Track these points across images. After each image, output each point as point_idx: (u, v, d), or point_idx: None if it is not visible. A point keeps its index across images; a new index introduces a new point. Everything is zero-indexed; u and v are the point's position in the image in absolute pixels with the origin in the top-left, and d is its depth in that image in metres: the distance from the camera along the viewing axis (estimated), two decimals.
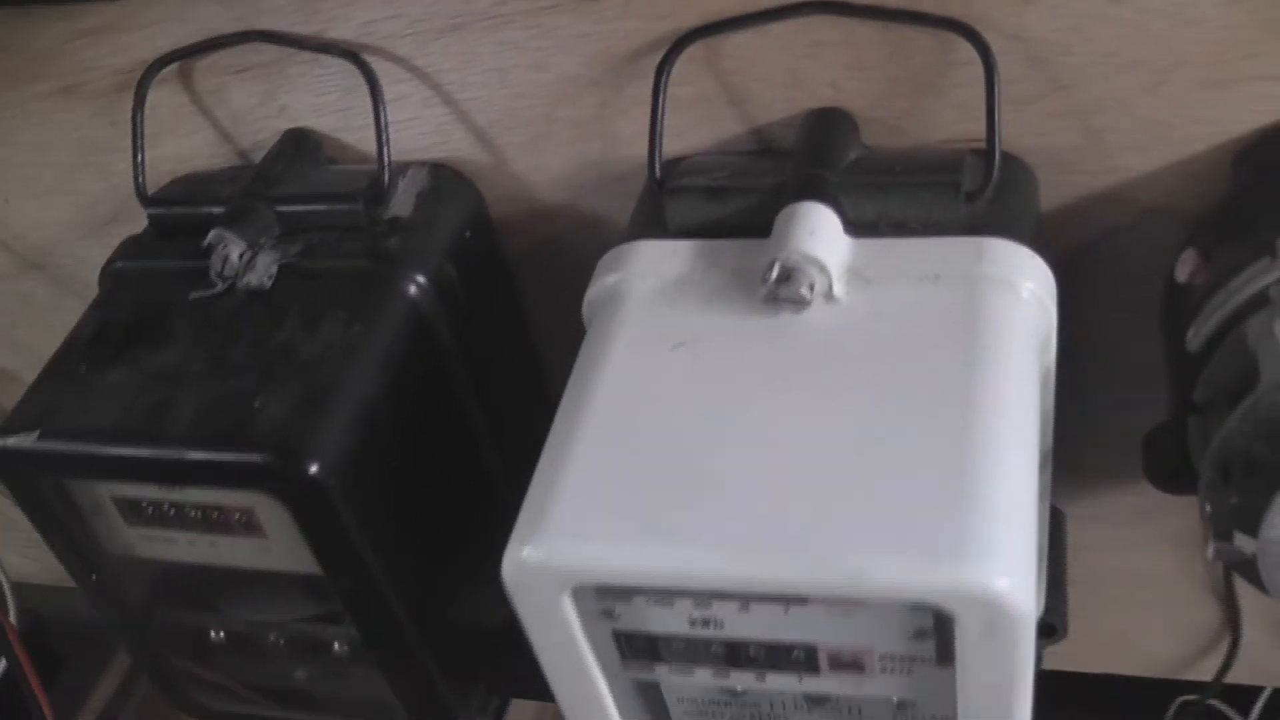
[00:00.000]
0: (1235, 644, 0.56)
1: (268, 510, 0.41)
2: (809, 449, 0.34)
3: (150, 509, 0.43)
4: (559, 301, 0.49)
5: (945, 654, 0.35)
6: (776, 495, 0.33)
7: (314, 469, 0.38)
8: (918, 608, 0.33)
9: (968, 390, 0.34)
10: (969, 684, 0.33)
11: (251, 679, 0.50)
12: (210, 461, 0.39)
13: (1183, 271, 0.40)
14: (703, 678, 0.38)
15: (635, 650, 0.38)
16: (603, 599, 0.36)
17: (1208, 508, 0.36)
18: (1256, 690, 0.75)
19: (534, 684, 0.63)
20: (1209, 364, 0.38)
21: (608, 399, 0.36)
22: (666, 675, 0.38)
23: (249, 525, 0.42)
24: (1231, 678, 0.58)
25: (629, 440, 0.35)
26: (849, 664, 0.36)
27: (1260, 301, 0.37)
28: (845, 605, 0.34)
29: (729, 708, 0.43)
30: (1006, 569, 0.30)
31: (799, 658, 0.36)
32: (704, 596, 0.35)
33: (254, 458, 0.38)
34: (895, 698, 0.40)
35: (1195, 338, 0.38)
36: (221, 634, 0.49)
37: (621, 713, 0.40)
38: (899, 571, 0.31)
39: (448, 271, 0.45)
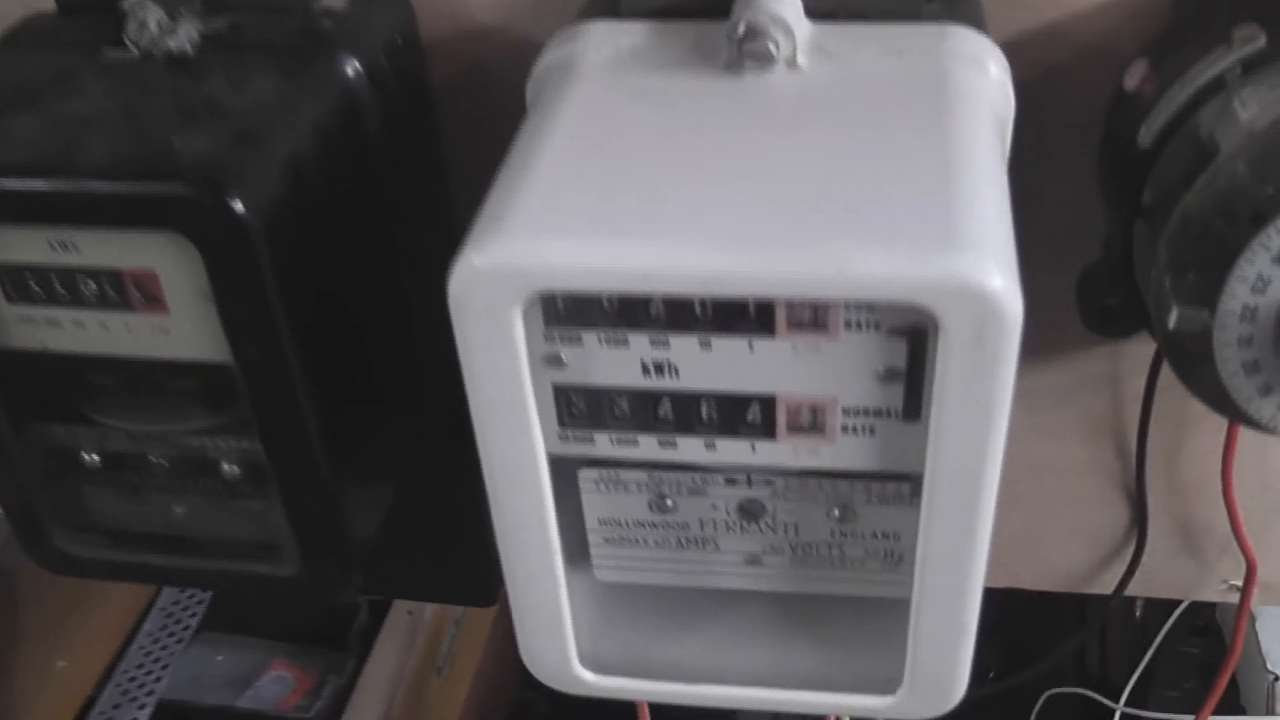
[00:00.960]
0: (1140, 548, 0.56)
1: (173, 274, 0.38)
2: (785, 165, 0.32)
3: (36, 280, 0.39)
4: (478, 138, 0.46)
5: (913, 404, 0.33)
6: (755, 197, 0.31)
7: (238, 205, 0.35)
8: (893, 334, 0.32)
9: (943, 128, 0.34)
10: (944, 418, 0.31)
11: (126, 521, 0.46)
12: (122, 194, 0.35)
13: (1132, 79, 0.40)
14: (647, 448, 0.36)
15: (576, 416, 0.35)
16: (550, 340, 0.34)
17: (1167, 283, 0.36)
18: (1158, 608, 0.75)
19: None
20: (1160, 159, 0.38)
21: (566, 131, 0.34)
22: (608, 447, 0.36)
23: (149, 297, 0.38)
24: (1135, 589, 0.57)
25: (592, 158, 0.33)
26: (809, 426, 0.34)
27: (1216, 87, 0.37)
28: (814, 337, 0.32)
29: (654, 530, 0.41)
30: (999, 268, 0.29)
31: (755, 419, 0.34)
32: (662, 330, 0.33)
33: (172, 188, 0.35)
34: (837, 511, 0.39)
35: (1147, 134, 0.38)
36: (97, 457, 0.44)
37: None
38: (886, 263, 0.29)
39: (382, 63, 0.42)
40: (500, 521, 0.37)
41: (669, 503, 0.40)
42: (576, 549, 0.41)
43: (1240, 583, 0.56)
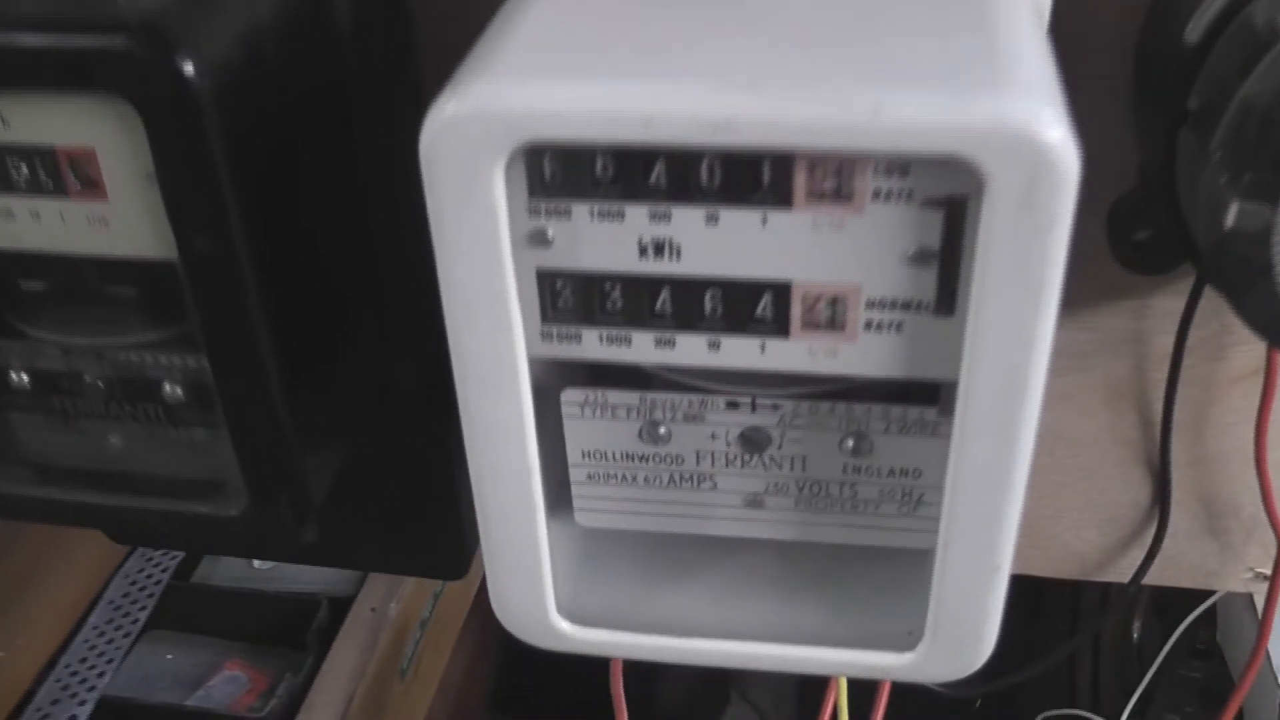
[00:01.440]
0: (1162, 529, 0.52)
1: (113, 153, 0.34)
2: (808, 14, 0.29)
3: None
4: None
5: (947, 293, 0.29)
6: (775, 41, 0.27)
7: (186, 65, 0.31)
8: (927, 206, 0.28)
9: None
10: (985, 305, 0.28)
11: (56, 454, 0.41)
12: (56, 50, 0.31)
13: None
14: (642, 349, 0.32)
15: (562, 310, 0.31)
16: (535, 213, 0.29)
17: (1222, 182, 0.32)
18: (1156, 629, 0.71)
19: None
20: (1211, 55, 0.35)
21: None
22: (596, 347, 0.32)
23: (87, 181, 0.34)
24: (1154, 577, 0.53)
25: (586, 9, 0.29)
26: (827, 321, 0.30)
27: None
28: (836, 210, 0.28)
29: (645, 465, 0.37)
30: (1055, 117, 0.25)
31: (766, 312, 0.30)
32: (663, 201, 0.29)
33: (112, 42, 0.31)
34: (851, 442, 0.35)
35: (1195, 29, 0.35)
36: (25, 376, 0.40)
37: None
38: (926, 106, 0.25)
39: None
40: (472, 439, 0.33)
41: (662, 431, 0.36)
42: (556, 494, 0.37)
43: (1269, 570, 0.52)
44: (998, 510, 0.31)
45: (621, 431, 0.36)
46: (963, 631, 0.34)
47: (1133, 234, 0.40)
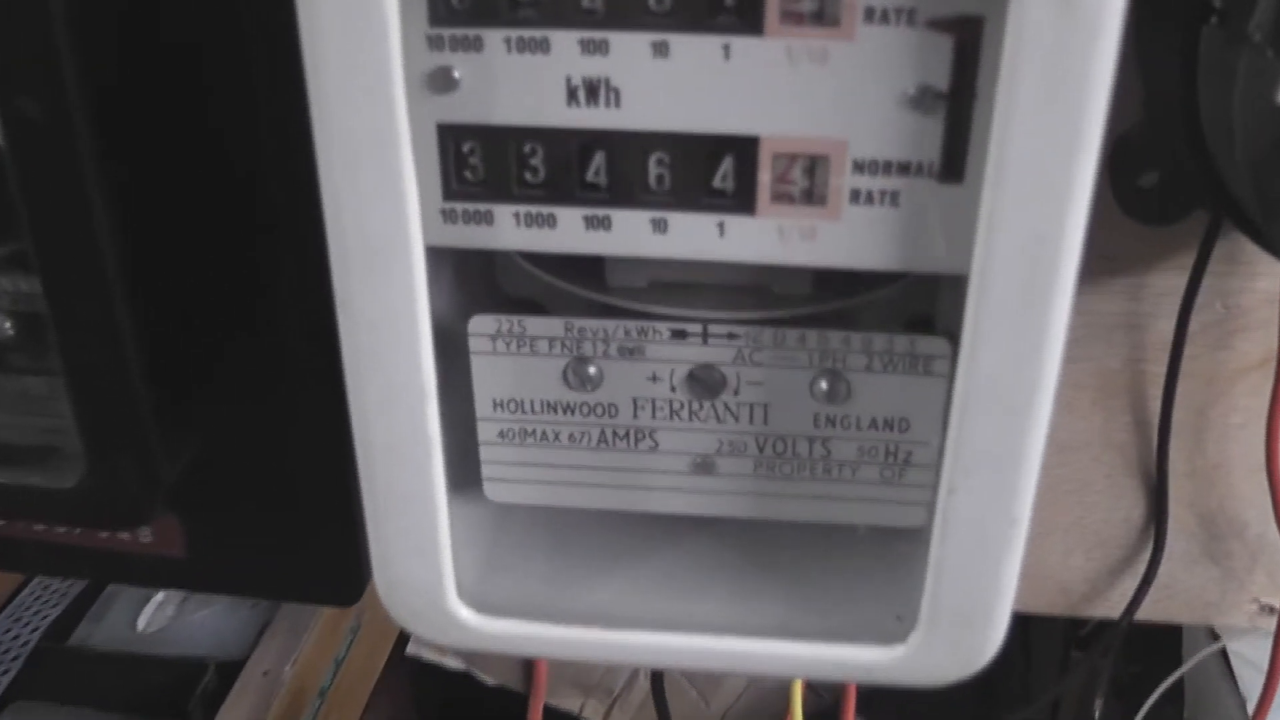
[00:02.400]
0: (1158, 552, 0.46)
1: None
2: None
3: None
4: None
5: (955, 152, 0.23)
6: None
7: None
8: (933, 29, 0.22)
9: None
10: (1008, 156, 0.22)
11: None
12: None
13: None
14: (569, 234, 0.25)
15: (470, 182, 0.25)
16: (438, 45, 0.23)
17: (1269, 55, 0.27)
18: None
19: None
20: None
21: None
22: (512, 232, 0.25)
23: None
24: (1148, 611, 0.47)
25: None
26: (803, 193, 0.24)
27: None
28: (819, 36, 0.22)
29: (569, 420, 0.30)
30: None
31: (726, 180, 0.24)
32: (599, 27, 0.23)
33: None
34: (824, 384, 0.29)
35: None
36: None
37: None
38: None
39: None
40: (352, 356, 0.26)
41: (592, 370, 0.29)
42: (460, 465, 0.30)
43: (1277, 601, 0.46)
44: (1016, 443, 0.25)
45: (542, 373, 0.29)
46: (968, 612, 0.27)
47: (1138, 177, 0.35)
